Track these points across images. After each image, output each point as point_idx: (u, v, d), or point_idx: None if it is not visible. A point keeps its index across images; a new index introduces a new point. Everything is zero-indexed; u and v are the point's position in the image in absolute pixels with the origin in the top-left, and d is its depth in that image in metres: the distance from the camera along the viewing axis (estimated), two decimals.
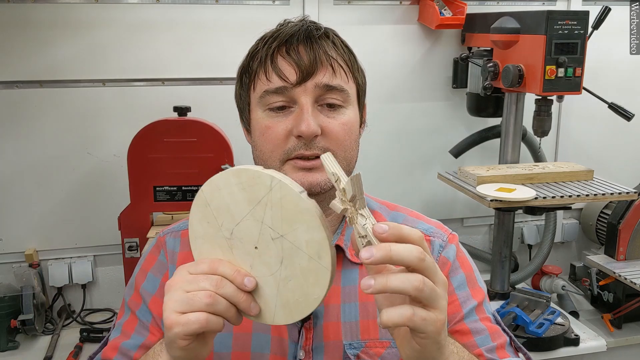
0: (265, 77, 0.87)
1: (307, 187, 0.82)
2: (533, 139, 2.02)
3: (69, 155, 1.92)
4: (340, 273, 0.91)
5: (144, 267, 0.97)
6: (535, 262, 2.19)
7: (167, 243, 0.97)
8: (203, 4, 1.91)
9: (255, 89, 0.89)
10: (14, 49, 1.82)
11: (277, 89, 0.85)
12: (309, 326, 0.86)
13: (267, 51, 0.87)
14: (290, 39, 0.87)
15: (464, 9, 1.99)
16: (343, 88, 0.87)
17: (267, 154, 0.87)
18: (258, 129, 0.89)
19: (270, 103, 0.86)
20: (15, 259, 1.93)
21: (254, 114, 0.90)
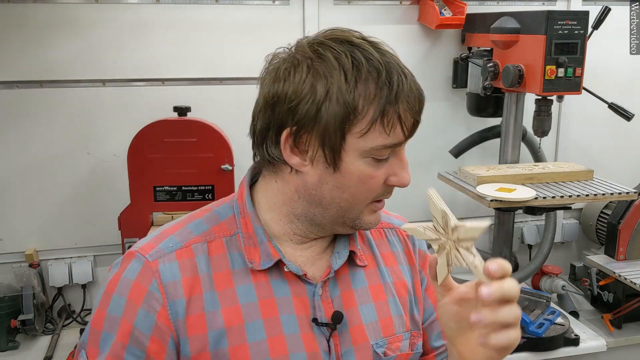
0: (385, 130, 0.79)
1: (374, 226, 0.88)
2: (533, 139, 2.02)
3: (69, 155, 1.92)
4: (349, 276, 0.92)
5: (131, 298, 0.80)
6: (535, 262, 2.19)
7: (162, 273, 0.82)
8: (203, 4, 1.91)
9: (365, 137, 0.79)
10: (14, 49, 1.82)
11: (394, 145, 0.82)
12: (334, 333, 0.87)
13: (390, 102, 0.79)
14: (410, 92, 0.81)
15: (464, 9, 1.99)
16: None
17: (360, 199, 0.84)
18: (358, 176, 0.82)
19: (380, 155, 0.82)
20: (15, 259, 1.93)
21: (350, 158, 0.81)
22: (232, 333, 0.82)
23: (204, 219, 0.90)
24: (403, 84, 0.80)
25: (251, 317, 0.83)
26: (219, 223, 0.89)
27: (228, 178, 1.71)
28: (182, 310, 0.81)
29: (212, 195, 1.72)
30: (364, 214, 0.86)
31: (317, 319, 0.86)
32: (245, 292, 0.84)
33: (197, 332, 0.81)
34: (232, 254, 0.86)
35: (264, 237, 0.87)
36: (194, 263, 0.84)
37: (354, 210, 0.85)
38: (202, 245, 0.86)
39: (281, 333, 0.84)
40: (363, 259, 0.94)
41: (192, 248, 0.85)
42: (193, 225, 0.89)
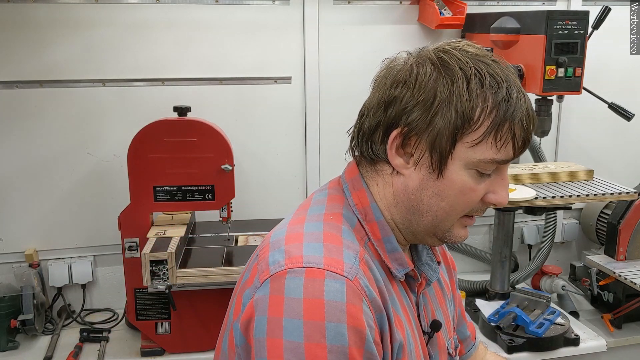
0: (496, 145, 0.79)
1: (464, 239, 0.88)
2: (533, 139, 2.02)
3: (69, 155, 1.92)
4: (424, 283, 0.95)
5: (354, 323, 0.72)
6: (535, 262, 2.19)
7: (367, 290, 0.76)
8: (203, 4, 1.91)
9: (475, 148, 0.79)
10: (14, 49, 1.82)
11: (502, 162, 0.82)
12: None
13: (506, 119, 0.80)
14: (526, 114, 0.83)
15: (464, 9, 1.99)
16: None
17: (456, 211, 0.84)
18: (460, 186, 0.81)
19: (486, 168, 0.82)
20: (15, 259, 1.93)
21: (455, 167, 0.81)
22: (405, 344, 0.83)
23: (346, 226, 0.85)
24: (521, 103, 0.82)
25: (404, 327, 0.85)
26: (352, 230, 0.85)
27: (228, 178, 1.71)
28: (385, 324, 0.79)
29: (212, 195, 1.72)
30: (455, 227, 0.86)
31: (422, 327, 0.92)
32: (396, 301, 0.86)
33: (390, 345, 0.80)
34: (375, 261, 0.85)
35: (397, 246, 0.87)
36: (372, 275, 0.80)
37: (448, 222, 0.85)
38: (367, 256, 0.83)
39: (417, 341, 0.89)
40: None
41: (365, 260, 0.81)
42: (346, 234, 0.83)
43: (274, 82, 2.01)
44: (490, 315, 1.86)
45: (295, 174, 2.08)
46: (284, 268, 0.74)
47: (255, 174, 2.03)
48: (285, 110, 2.04)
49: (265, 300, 0.73)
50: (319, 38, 2.01)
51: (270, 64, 2.00)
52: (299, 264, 0.74)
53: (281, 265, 0.75)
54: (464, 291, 1.97)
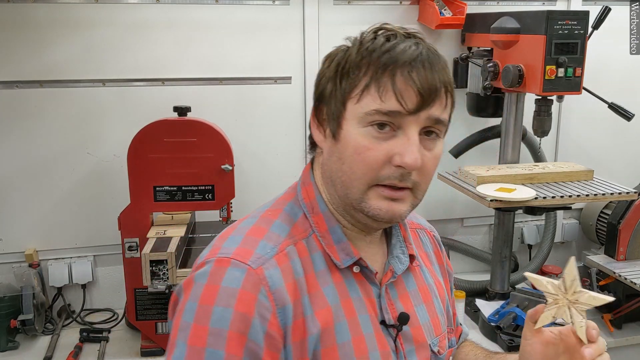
0: (378, 95, 0.78)
1: (389, 217, 0.82)
2: (533, 139, 2.02)
3: (69, 155, 1.92)
4: (402, 279, 0.93)
5: (240, 308, 0.74)
6: (535, 262, 2.19)
7: (269, 280, 0.77)
8: (203, 4, 1.91)
9: (360, 102, 0.79)
10: (14, 49, 1.82)
11: (390, 113, 0.78)
12: (399, 334, 0.90)
13: (386, 67, 0.78)
14: (414, 61, 0.78)
15: (464, 9, 1.99)
16: (447, 122, 0.82)
17: (357, 175, 0.80)
18: (353, 145, 0.80)
19: (374, 120, 0.79)
20: (15, 259, 1.93)
21: (350, 127, 0.81)
22: (326, 335, 0.81)
23: (283, 220, 0.87)
24: (406, 53, 0.79)
25: (338, 318, 0.83)
26: (294, 224, 0.87)
27: (228, 178, 1.71)
28: (290, 317, 0.78)
29: (212, 195, 1.72)
30: (369, 197, 0.81)
31: (385, 320, 0.88)
32: (330, 293, 0.84)
33: (299, 337, 0.79)
34: (313, 255, 0.85)
35: (343, 236, 0.86)
36: (291, 267, 0.81)
37: (355, 189, 0.81)
38: (292, 249, 0.83)
39: (361, 333, 0.84)
40: (416, 262, 0.97)
41: (287, 252, 0.82)
42: (276, 227, 0.85)
43: (274, 82, 2.01)
44: (490, 315, 1.86)
45: (295, 174, 2.04)
46: (203, 260, 0.81)
47: (255, 174, 2.03)
48: (285, 110, 2.04)
49: (181, 286, 0.80)
50: (319, 38, 2.01)
51: (270, 64, 2.00)
52: (214, 255, 0.79)
53: (202, 258, 0.82)
54: (464, 291, 1.97)
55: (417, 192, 0.83)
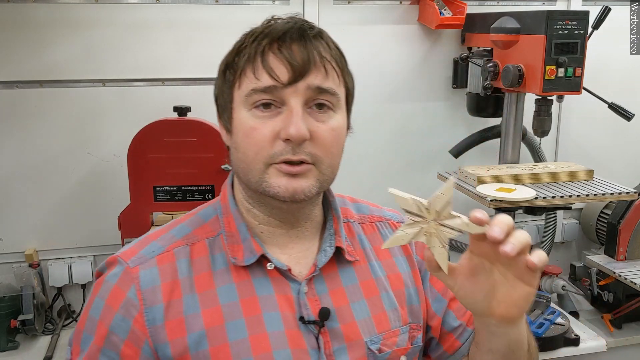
0: (253, 74, 0.81)
1: (290, 194, 0.81)
2: (533, 139, 2.02)
3: (69, 155, 1.92)
4: (339, 274, 0.91)
5: (110, 303, 0.82)
6: None
7: (141, 279, 0.83)
8: (203, 4, 1.91)
9: (240, 87, 0.83)
10: (14, 49, 1.82)
11: (266, 88, 0.80)
12: (324, 331, 0.86)
13: (257, 47, 0.82)
14: (282, 36, 0.82)
15: (464, 9, 1.99)
16: (335, 91, 0.83)
17: (250, 157, 0.82)
18: (242, 130, 0.83)
19: (256, 101, 0.81)
20: (15, 259, 1.93)
21: (238, 114, 0.84)
22: (212, 334, 0.81)
23: (188, 223, 0.90)
24: (276, 30, 0.83)
25: (232, 316, 0.83)
26: (202, 225, 0.90)
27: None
28: (160, 316, 0.81)
29: (212, 195, 1.72)
30: (268, 176, 0.81)
31: (304, 317, 0.85)
32: (226, 292, 0.84)
33: (177, 335, 0.81)
34: (215, 255, 0.86)
35: (247, 233, 0.87)
36: (175, 267, 0.84)
37: (252, 172, 0.82)
38: (184, 249, 0.86)
39: (264, 331, 0.83)
40: (354, 254, 0.93)
41: (174, 252, 0.86)
42: (177, 229, 0.89)
43: None
44: None
45: None
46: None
47: None
48: None
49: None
50: None
51: None
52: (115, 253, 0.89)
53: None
54: None
55: (320, 166, 0.82)
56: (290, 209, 0.87)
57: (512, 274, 0.73)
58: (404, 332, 0.93)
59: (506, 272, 0.73)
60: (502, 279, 0.74)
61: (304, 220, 0.90)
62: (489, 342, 0.83)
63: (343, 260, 0.92)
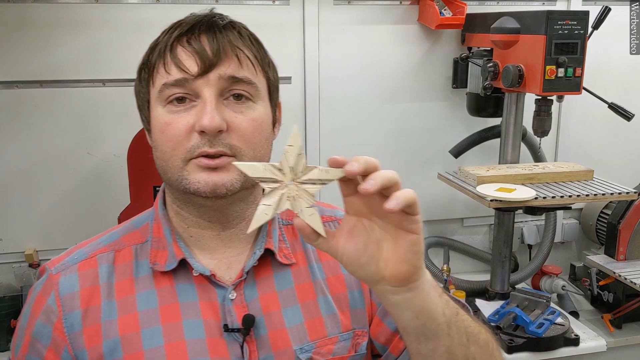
0: (164, 69, 0.80)
1: (211, 188, 0.77)
2: (533, 139, 2.02)
3: (69, 155, 1.92)
4: (273, 278, 0.87)
5: (34, 309, 0.83)
6: (535, 262, 2.19)
7: (60, 285, 0.82)
8: (203, 4, 1.91)
9: (154, 84, 0.82)
10: (14, 49, 1.82)
11: (177, 81, 0.78)
12: (251, 339, 0.82)
13: (167, 42, 0.81)
14: (191, 28, 0.81)
15: (464, 9, 1.99)
16: (251, 80, 0.81)
17: (168, 154, 0.79)
18: (158, 126, 0.81)
19: (169, 96, 0.79)
20: (15, 259, 1.93)
21: (154, 111, 0.82)
22: (127, 341, 0.79)
23: (120, 230, 0.90)
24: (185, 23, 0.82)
25: (149, 323, 0.80)
26: (132, 232, 0.88)
27: None
28: (78, 322, 0.80)
29: None
30: (188, 172, 0.78)
31: (227, 324, 0.81)
32: (146, 298, 0.82)
33: (94, 342, 0.80)
34: (139, 261, 0.85)
35: (170, 237, 0.85)
36: (96, 273, 0.83)
37: (171, 169, 0.79)
38: (107, 255, 0.85)
39: (182, 338, 0.80)
40: (291, 257, 0.88)
41: (97, 258, 0.85)
42: (106, 236, 0.89)
43: None
44: (490, 315, 1.86)
45: None
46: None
47: None
48: (284, 111, 2.03)
49: None
50: (319, 38, 2.01)
51: None
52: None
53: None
54: (464, 291, 1.97)
55: (242, 158, 0.79)
56: (216, 206, 0.82)
57: (391, 225, 0.66)
58: (344, 339, 0.87)
59: (385, 224, 0.66)
60: (383, 234, 0.66)
61: (238, 220, 0.86)
62: (398, 320, 0.71)
63: (279, 264, 0.87)
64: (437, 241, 2.26)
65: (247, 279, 0.85)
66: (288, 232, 0.92)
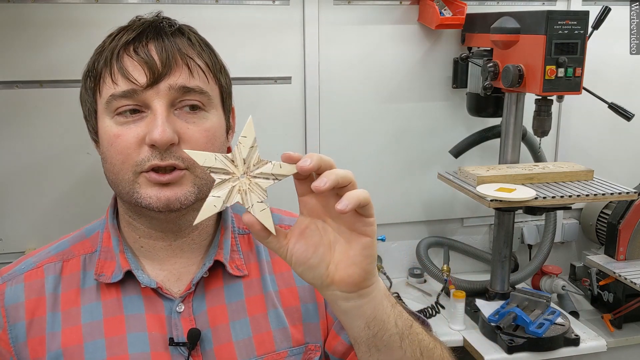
0: (111, 79, 0.77)
1: (164, 204, 0.75)
2: (533, 139, 2.02)
3: (69, 155, 1.92)
4: (223, 290, 0.84)
5: None
6: (535, 262, 2.19)
7: (6, 296, 0.81)
8: (203, 4, 1.91)
9: (101, 94, 0.79)
10: (14, 49, 1.82)
11: (125, 93, 0.76)
12: (197, 353, 0.80)
13: (113, 50, 0.78)
14: (138, 36, 0.78)
15: (464, 9, 1.99)
16: (203, 90, 0.78)
17: (117, 167, 0.77)
18: (106, 138, 0.78)
19: (118, 108, 0.76)
20: (15, 259, 1.93)
21: (101, 122, 0.80)
22: (69, 354, 0.78)
23: (70, 239, 0.88)
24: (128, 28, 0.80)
25: (92, 336, 0.79)
26: (82, 241, 0.87)
27: None
28: (23, 334, 0.79)
29: None
30: (139, 186, 0.77)
31: (174, 338, 0.80)
32: (91, 310, 0.80)
33: (38, 355, 0.78)
34: (87, 272, 0.83)
35: (117, 248, 0.83)
36: (42, 284, 0.82)
37: (123, 183, 0.78)
38: (54, 265, 0.83)
39: (125, 352, 0.78)
40: (243, 268, 0.86)
41: (44, 268, 0.83)
42: (56, 245, 0.87)
43: (274, 82, 2.01)
44: (490, 315, 1.86)
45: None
46: None
47: None
48: (285, 110, 2.04)
49: None
50: (319, 38, 2.01)
51: (270, 64, 1.99)
52: None
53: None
54: (464, 291, 1.97)
55: (195, 170, 0.77)
56: (169, 218, 0.81)
57: (345, 227, 0.64)
58: (294, 353, 0.85)
59: (339, 226, 0.65)
60: (336, 236, 0.65)
61: (190, 230, 0.84)
62: (349, 329, 0.69)
63: (230, 275, 0.85)
64: (437, 241, 2.26)
65: (196, 291, 0.83)
66: (243, 242, 0.89)
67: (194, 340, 0.79)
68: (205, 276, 0.83)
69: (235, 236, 0.89)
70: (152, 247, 0.84)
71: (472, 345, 1.82)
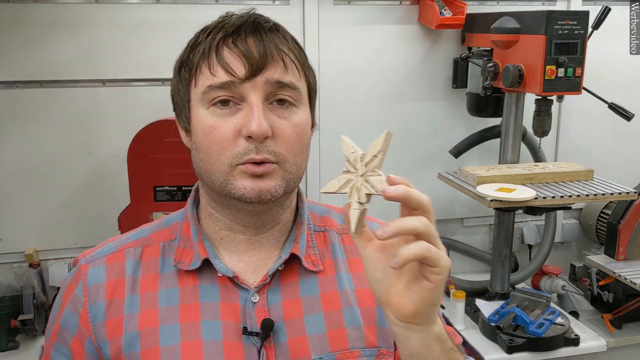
0: (209, 70, 0.78)
1: (256, 194, 0.77)
2: (533, 139, 2.02)
3: (69, 155, 1.92)
4: (298, 284, 0.85)
5: (63, 299, 0.85)
6: (535, 262, 2.19)
7: (88, 276, 0.84)
8: (203, 4, 1.91)
9: (197, 85, 0.80)
10: (14, 49, 1.82)
11: (223, 84, 0.76)
12: (270, 344, 0.80)
13: (211, 42, 0.79)
14: (237, 29, 0.78)
15: (464, 9, 2.00)
16: (295, 86, 0.79)
17: (214, 157, 0.78)
18: (201, 129, 0.79)
19: (214, 98, 0.77)
20: (15, 259, 1.93)
21: (196, 112, 0.80)
22: (145, 336, 0.79)
23: (150, 227, 0.90)
24: (230, 24, 0.79)
25: (168, 320, 0.80)
26: (162, 229, 0.89)
27: None
28: (102, 313, 0.81)
29: None
30: (235, 177, 0.77)
31: (247, 327, 0.80)
32: (167, 295, 0.82)
33: (115, 335, 0.80)
34: (166, 258, 0.85)
35: (196, 237, 0.85)
36: (123, 266, 0.84)
37: (217, 173, 0.78)
38: (135, 250, 0.86)
39: (198, 338, 0.79)
40: (318, 263, 0.86)
41: (125, 252, 0.86)
42: (137, 232, 0.90)
43: None
44: (490, 315, 1.86)
45: None
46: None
47: None
48: None
49: None
50: (319, 38, 2.01)
51: None
52: None
53: None
54: (464, 291, 1.97)
55: (284, 164, 0.78)
56: (256, 211, 0.82)
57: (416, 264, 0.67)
58: (367, 355, 0.84)
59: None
60: (409, 267, 0.67)
61: (271, 225, 0.85)
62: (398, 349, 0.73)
63: (306, 270, 0.85)
64: None
65: (271, 283, 0.84)
66: (319, 239, 0.90)
67: (267, 330, 0.80)
68: (281, 269, 0.84)
69: (311, 232, 0.91)
70: (232, 240, 0.85)
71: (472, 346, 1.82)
